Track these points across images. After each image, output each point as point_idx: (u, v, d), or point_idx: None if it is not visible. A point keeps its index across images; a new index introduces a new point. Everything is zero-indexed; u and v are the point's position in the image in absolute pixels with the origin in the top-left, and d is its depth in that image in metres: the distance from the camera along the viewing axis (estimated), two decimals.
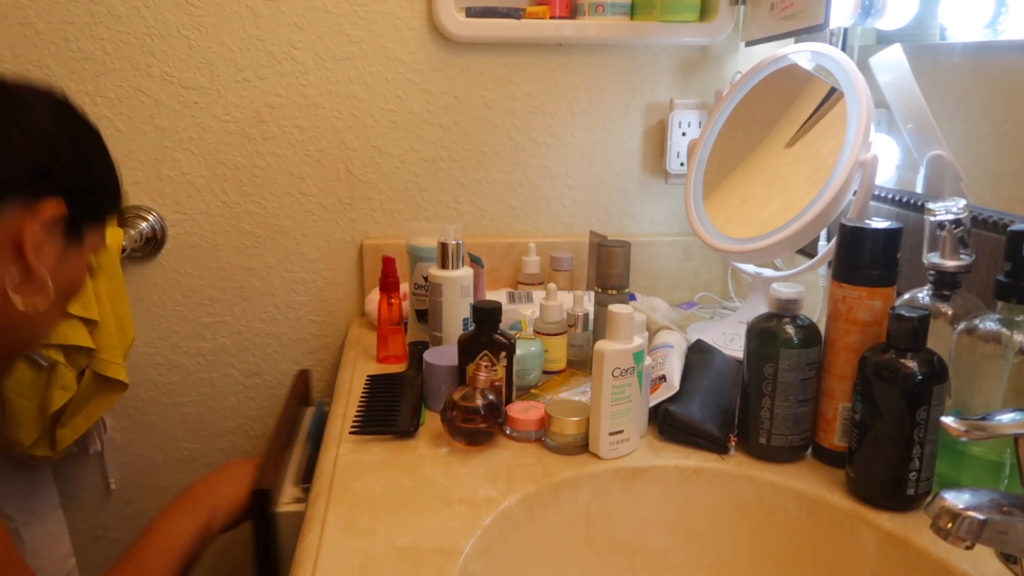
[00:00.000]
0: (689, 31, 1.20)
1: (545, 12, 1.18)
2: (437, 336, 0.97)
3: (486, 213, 1.28)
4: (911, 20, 0.94)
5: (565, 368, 0.98)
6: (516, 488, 0.72)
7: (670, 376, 0.84)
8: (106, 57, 1.14)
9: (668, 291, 1.31)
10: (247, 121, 1.19)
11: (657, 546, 0.77)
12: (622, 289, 0.95)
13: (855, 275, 0.72)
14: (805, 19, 1.01)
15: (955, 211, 0.72)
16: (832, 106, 0.97)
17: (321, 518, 0.68)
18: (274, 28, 1.17)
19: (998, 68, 0.84)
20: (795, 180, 0.99)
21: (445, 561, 0.62)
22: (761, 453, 0.78)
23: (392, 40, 1.19)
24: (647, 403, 0.82)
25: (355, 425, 0.84)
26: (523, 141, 1.26)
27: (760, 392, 0.76)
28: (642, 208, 1.32)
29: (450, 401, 0.80)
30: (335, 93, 1.20)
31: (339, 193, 1.24)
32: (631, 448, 0.78)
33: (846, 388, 0.73)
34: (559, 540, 0.74)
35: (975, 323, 0.67)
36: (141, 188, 1.19)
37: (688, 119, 1.25)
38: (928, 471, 0.68)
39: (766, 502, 0.75)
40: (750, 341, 0.78)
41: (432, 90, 1.22)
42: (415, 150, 1.24)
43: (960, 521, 0.49)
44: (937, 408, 0.66)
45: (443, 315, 0.95)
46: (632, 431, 0.78)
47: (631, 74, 1.25)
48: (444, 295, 0.95)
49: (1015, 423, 0.52)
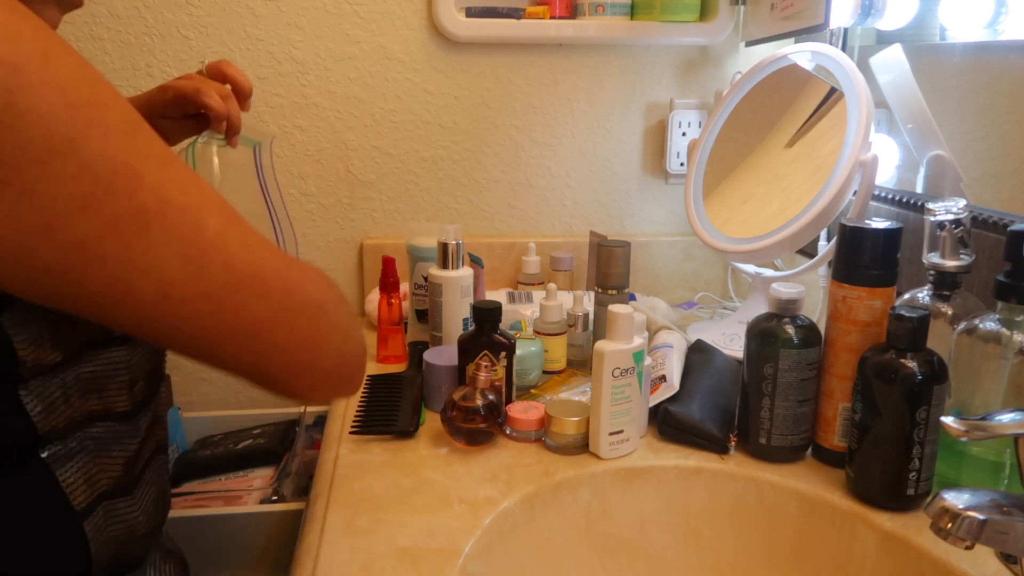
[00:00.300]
0: (689, 31, 1.20)
1: (545, 12, 1.18)
2: (437, 336, 0.97)
3: (486, 213, 1.28)
4: (911, 20, 0.94)
5: (565, 368, 0.98)
6: (516, 488, 0.72)
7: (670, 376, 0.84)
8: (106, 57, 1.14)
9: (668, 291, 1.31)
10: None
11: (657, 546, 0.77)
12: (622, 289, 0.95)
13: (855, 275, 0.72)
14: (805, 19, 1.01)
15: (955, 211, 0.72)
16: (832, 106, 0.97)
17: (321, 518, 0.68)
18: (274, 28, 1.17)
19: (998, 68, 0.84)
20: (795, 180, 0.99)
21: (445, 561, 0.62)
22: (761, 453, 0.78)
23: (392, 40, 1.19)
24: (647, 403, 0.82)
25: (355, 425, 0.84)
26: (523, 141, 1.26)
27: (760, 392, 0.76)
28: (642, 208, 1.32)
29: (450, 401, 0.80)
30: (335, 93, 1.20)
31: (339, 193, 1.24)
32: (631, 448, 0.78)
33: (846, 388, 0.73)
34: (559, 540, 0.74)
35: (975, 323, 0.67)
36: None
37: (688, 119, 1.25)
38: (928, 471, 0.68)
39: (766, 502, 0.75)
40: (750, 341, 0.78)
41: (432, 90, 1.22)
42: (415, 150, 1.24)
43: (960, 521, 0.49)
44: (937, 408, 0.66)
45: (443, 315, 0.95)
46: (632, 431, 0.78)
47: (631, 74, 1.25)
48: (444, 295, 0.95)
49: (1015, 423, 0.52)
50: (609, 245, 0.94)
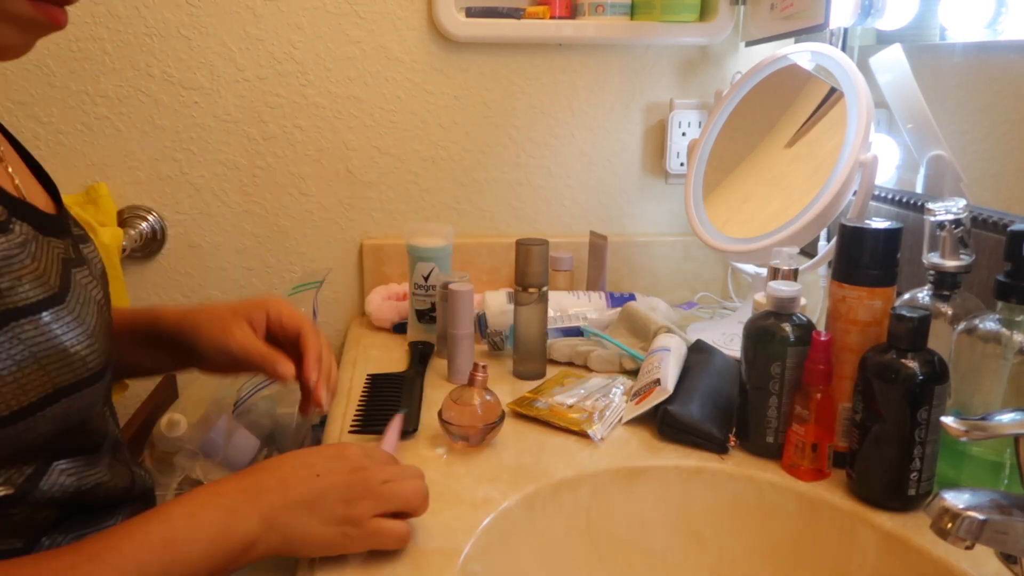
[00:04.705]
0: (689, 31, 1.20)
1: (545, 12, 1.18)
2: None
3: (486, 213, 1.28)
4: (911, 20, 0.94)
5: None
6: (516, 488, 0.72)
7: (664, 380, 0.84)
8: (106, 57, 1.14)
9: (668, 291, 1.31)
10: (247, 121, 1.19)
11: (657, 546, 0.77)
12: (541, 287, 0.95)
13: (855, 275, 0.72)
14: (805, 19, 1.01)
15: (955, 211, 0.72)
16: (832, 106, 0.97)
17: None
18: (274, 28, 1.17)
19: (998, 68, 0.84)
20: (795, 180, 0.99)
21: (445, 561, 0.62)
22: (768, 452, 0.77)
23: (392, 40, 1.19)
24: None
25: (355, 424, 0.84)
26: (523, 141, 1.26)
27: (767, 391, 0.76)
28: (642, 208, 1.32)
29: (447, 402, 0.80)
30: (335, 93, 1.20)
31: (339, 193, 1.24)
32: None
33: (846, 388, 0.73)
34: (559, 540, 0.74)
35: (975, 323, 0.67)
36: (141, 188, 1.19)
37: (688, 119, 1.25)
38: (929, 471, 0.68)
39: (766, 502, 0.75)
40: (749, 340, 0.77)
41: (432, 90, 1.22)
42: (415, 150, 1.24)
43: (960, 521, 0.49)
44: (938, 408, 0.66)
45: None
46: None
47: (631, 74, 1.25)
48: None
49: (1015, 423, 0.52)
50: (527, 244, 0.94)
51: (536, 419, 0.85)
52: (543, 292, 0.96)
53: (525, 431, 0.84)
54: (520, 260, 0.95)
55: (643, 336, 0.99)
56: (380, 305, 1.18)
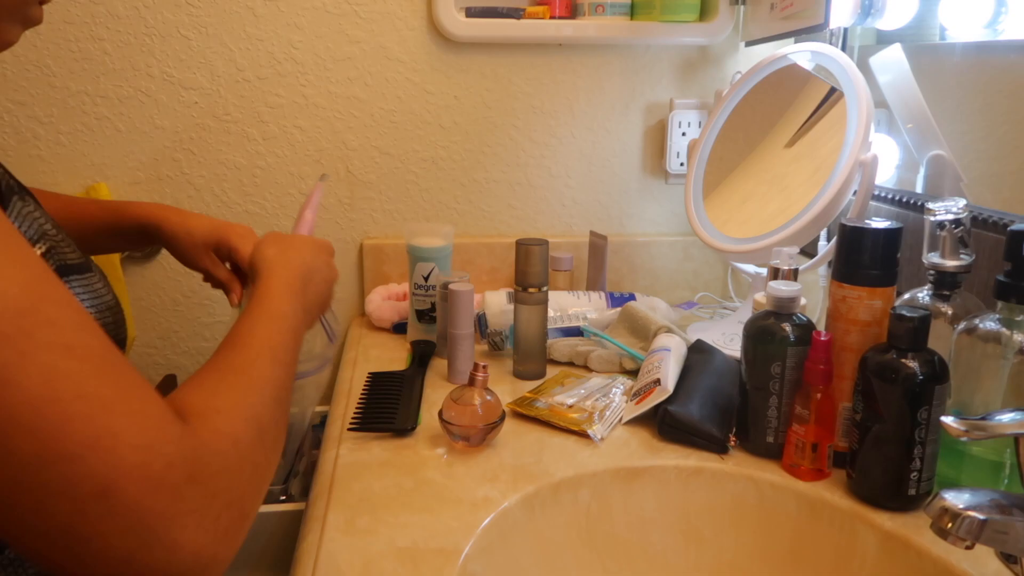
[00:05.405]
0: (689, 31, 1.20)
1: (545, 12, 1.18)
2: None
3: (486, 213, 1.28)
4: (911, 20, 0.94)
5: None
6: (516, 488, 0.72)
7: (664, 380, 0.84)
8: (106, 57, 1.14)
9: (668, 291, 1.31)
10: (247, 121, 1.19)
11: (657, 546, 0.77)
12: (541, 287, 0.95)
13: (855, 275, 0.72)
14: (805, 19, 1.01)
15: (955, 211, 0.72)
16: (832, 106, 0.97)
17: (321, 518, 0.68)
18: (274, 28, 1.17)
19: (998, 68, 0.84)
20: (795, 180, 0.99)
21: (445, 561, 0.62)
22: (768, 451, 0.78)
23: (392, 40, 1.19)
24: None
25: (354, 421, 0.84)
26: (523, 141, 1.26)
27: (767, 391, 0.76)
28: (642, 208, 1.32)
29: (447, 402, 0.80)
30: (335, 93, 1.20)
31: (339, 193, 1.24)
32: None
33: (846, 388, 0.73)
34: (559, 540, 0.74)
35: (975, 323, 0.67)
36: (141, 188, 1.19)
37: (688, 119, 1.25)
38: (929, 471, 0.68)
39: (766, 502, 0.75)
40: (749, 340, 0.78)
41: (432, 90, 1.22)
42: (415, 150, 1.24)
43: (960, 521, 0.49)
44: (938, 408, 0.66)
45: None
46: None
47: (631, 74, 1.25)
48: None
49: (1015, 423, 0.52)
50: (527, 244, 0.94)
51: (536, 419, 0.85)
52: (543, 292, 0.96)
53: (525, 431, 0.84)
54: (520, 260, 0.95)
55: (643, 336, 0.99)
56: (380, 305, 1.18)
